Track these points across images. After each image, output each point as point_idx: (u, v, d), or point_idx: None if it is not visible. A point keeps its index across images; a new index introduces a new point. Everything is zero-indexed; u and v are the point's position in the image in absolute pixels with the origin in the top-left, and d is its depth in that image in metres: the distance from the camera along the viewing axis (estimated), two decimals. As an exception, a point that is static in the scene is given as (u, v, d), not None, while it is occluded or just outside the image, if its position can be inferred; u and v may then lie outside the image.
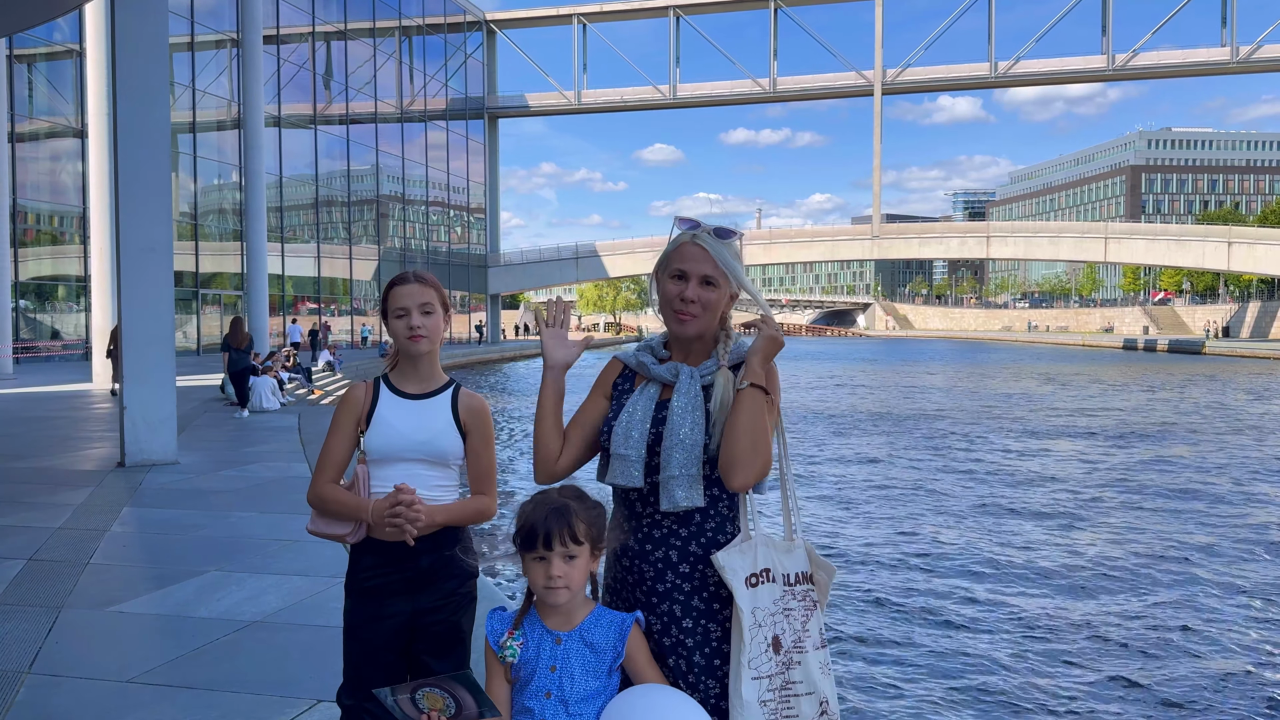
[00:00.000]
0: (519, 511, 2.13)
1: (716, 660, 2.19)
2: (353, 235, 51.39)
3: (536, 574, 2.08)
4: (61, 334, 33.79)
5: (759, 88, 63.31)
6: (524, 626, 2.11)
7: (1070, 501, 12.62)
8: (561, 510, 2.10)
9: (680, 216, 2.33)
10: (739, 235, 2.32)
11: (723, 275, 2.25)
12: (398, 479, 2.64)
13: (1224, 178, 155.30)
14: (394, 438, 2.65)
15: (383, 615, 2.64)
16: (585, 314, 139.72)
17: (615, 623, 2.14)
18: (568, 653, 2.08)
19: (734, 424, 2.15)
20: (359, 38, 50.90)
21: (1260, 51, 56.39)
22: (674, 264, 2.28)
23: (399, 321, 2.67)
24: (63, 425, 14.74)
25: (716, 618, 2.21)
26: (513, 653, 2.06)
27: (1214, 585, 8.61)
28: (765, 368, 2.19)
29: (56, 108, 33.64)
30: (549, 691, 2.06)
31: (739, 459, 2.13)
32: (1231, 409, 25.11)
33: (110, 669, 4.46)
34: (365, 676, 2.64)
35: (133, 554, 6.78)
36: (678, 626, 2.20)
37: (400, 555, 2.63)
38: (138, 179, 10.50)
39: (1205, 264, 59.68)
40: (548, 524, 2.08)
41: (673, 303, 2.27)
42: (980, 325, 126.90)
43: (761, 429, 2.14)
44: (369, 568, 2.66)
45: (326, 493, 2.67)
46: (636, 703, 2.03)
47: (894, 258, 66.43)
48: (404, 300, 2.67)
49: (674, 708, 2.02)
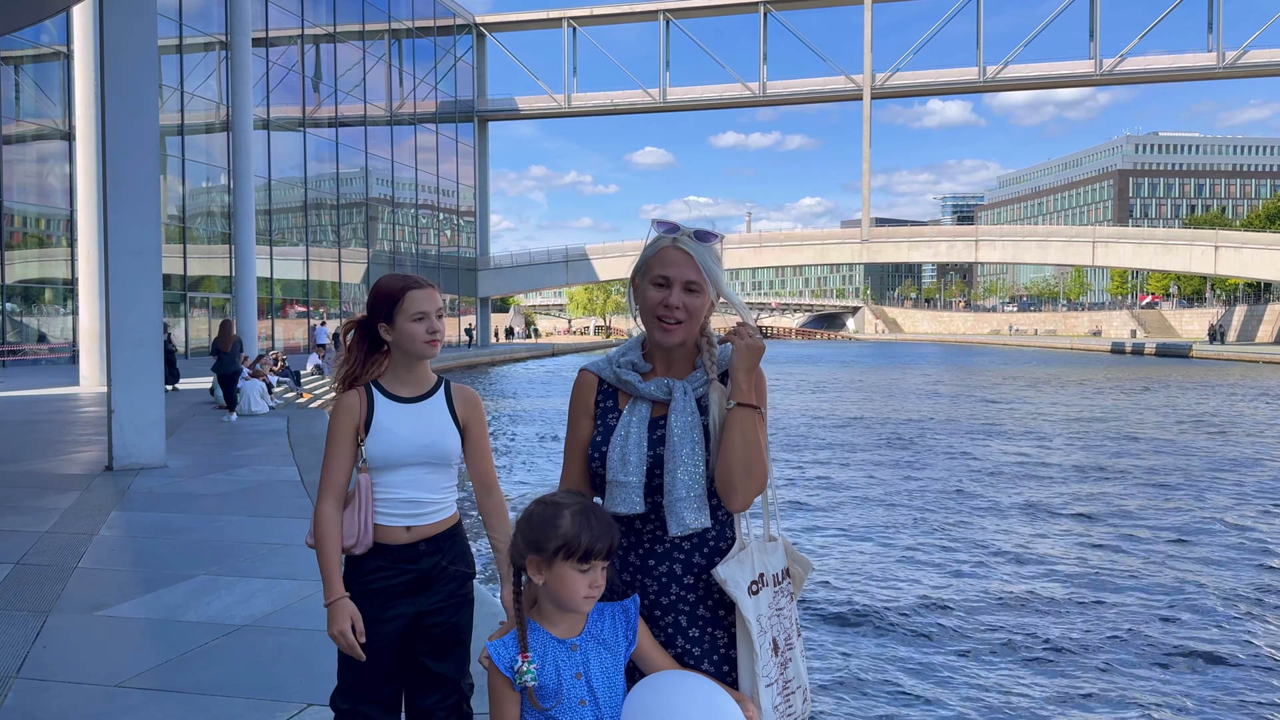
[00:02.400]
0: (547, 522, 2.03)
1: (725, 667, 2.16)
2: (342, 238, 51.28)
3: (578, 584, 2.00)
4: (49, 337, 33.62)
5: (749, 91, 63.43)
6: (530, 644, 2.04)
7: (1060, 502, 12.67)
8: (611, 523, 2.06)
9: (657, 220, 2.23)
10: (719, 238, 2.23)
11: (706, 280, 2.17)
12: (402, 485, 2.65)
13: (1211, 182, 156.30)
14: (396, 444, 2.64)
15: (385, 618, 2.63)
16: (575, 317, 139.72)
17: (619, 613, 2.11)
18: (586, 656, 2.05)
19: (727, 447, 2.10)
20: (348, 40, 50.81)
21: (1246, 57, 56.75)
22: (655, 270, 2.18)
23: (417, 325, 2.64)
24: (50, 428, 14.66)
25: (722, 624, 2.18)
26: (532, 676, 2.00)
27: (1210, 589, 8.66)
28: (749, 381, 2.13)
29: (44, 110, 33.50)
30: (583, 700, 2.02)
31: (735, 484, 2.10)
32: (1234, 414, 25.25)
33: (99, 673, 4.44)
34: (363, 680, 2.63)
35: (121, 558, 6.75)
36: (684, 637, 2.17)
37: (401, 558, 2.65)
38: (126, 181, 10.47)
39: (1192, 268, 59.97)
40: (610, 536, 2.03)
41: (656, 310, 2.17)
42: (969, 328, 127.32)
43: (755, 449, 2.10)
44: (372, 570, 2.65)
45: (321, 539, 2.63)
46: (665, 694, 2.00)
47: (883, 261, 66.58)
48: (424, 305, 2.65)
49: (705, 693, 2.01)
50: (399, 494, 2.66)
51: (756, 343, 2.14)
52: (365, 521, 2.65)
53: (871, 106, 63.18)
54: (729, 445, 2.10)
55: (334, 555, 2.64)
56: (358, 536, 2.64)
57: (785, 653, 2.17)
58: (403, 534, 2.66)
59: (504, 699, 2.04)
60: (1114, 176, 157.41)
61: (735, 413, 2.11)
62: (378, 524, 2.66)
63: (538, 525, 2.03)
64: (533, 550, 2.02)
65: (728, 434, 2.11)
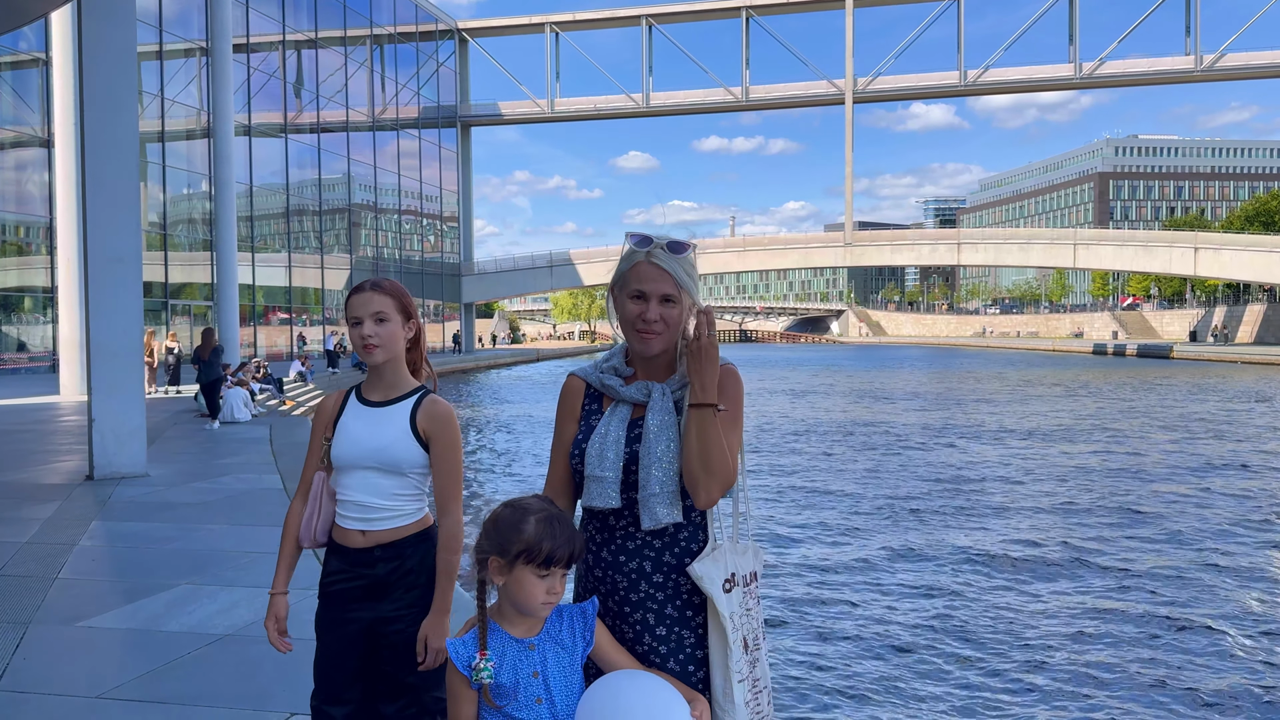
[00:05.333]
0: (513, 526, 2.06)
1: (691, 666, 2.22)
2: (324, 244, 51.08)
3: (536, 589, 2.05)
4: (28, 346, 33.33)
5: (731, 96, 63.61)
6: (489, 643, 2.09)
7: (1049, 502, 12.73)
8: (574, 532, 2.11)
9: (631, 232, 2.31)
10: (693, 247, 2.30)
11: (681, 291, 2.25)
12: (355, 487, 2.67)
13: (1190, 184, 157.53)
14: (350, 446, 2.66)
15: (345, 619, 2.67)
16: (560, 322, 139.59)
17: (577, 615, 2.15)
18: (544, 656, 2.09)
19: (686, 445, 2.18)
20: (330, 46, 50.66)
21: (1224, 60, 57.31)
22: (632, 284, 2.25)
23: (355, 330, 2.66)
24: (30, 438, 14.53)
25: (690, 624, 2.24)
26: (488, 674, 2.04)
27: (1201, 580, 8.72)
28: (705, 382, 2.16)
29: (22, 117, 33.22)
30: (539, 698, 2.07)
31: (695, 480, 2.16)
32: (1218, 414, 25.44)
33: (79, 685, 4.40)
34: (330, 680, 2.68)
35: (102, 568, 6.69)
36: (651, 635, 2.23)
37: (358, 561, 2.67)
38: (105, 189, 10.40)
39: (1172, 269, 60.47)
40: (571, 545, 2.07)
41: (634, 323, 2.25)
42: (952, 331, 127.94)
43: (714, 446, 2.14)
44: (333, 572, 2.72)
45: (283, 532, 2.82)
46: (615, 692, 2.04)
47: (866, 264, 66.84)
48: (357, 309, 2.66)
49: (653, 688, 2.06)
50: (352, 496, 2.68)
51: (706, 345, 2.16)
52: (311, 519, 2.74)
53: (854, 110, 63.48)
54: (687, 443, 2.17)
55: (287, 548, 2.77)
56: (304, 532, 2.75)
57: (754, 651, 2.23)
58: (358, 538, 2.67)
59: (460, 696, 2.09)
60: (1094, 179, 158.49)
61: (691, 412, 2.18)
62: (339, 525, 2.71)
63: (503, 528, 2.08)
64: (495, 552, 2.07)
65: (686, 432, 2.19)
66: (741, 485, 2.30)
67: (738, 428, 2.25)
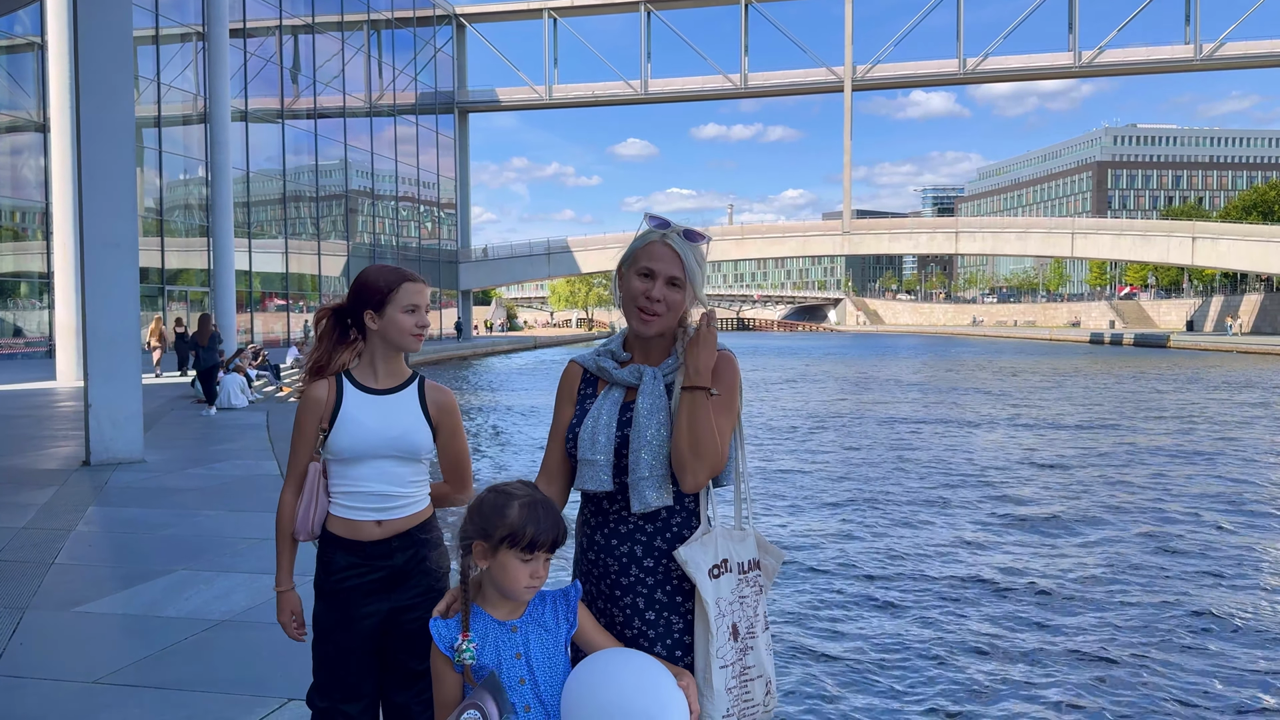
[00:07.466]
0: (497, 510, 2.08)
1: (678, 651, 2.24)
2: (321, 230, 50.93)
3: (519, 573, 2.06)
4: (24, 331, 33.28)
5: (730, 83, 63.44)
6: (472, 625, 2.11)
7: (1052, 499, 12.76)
8: (559, 518, 2.12)
9: (650, 214, 2.33)
10: (707, 240, 2.33)
11: (688, 277, 2.27)
12: (371, 478, 2.62)
13: (1188, 174, 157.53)
14: (364, 435, 2.60)
15: (358, 617, 2.61)
16: (557, 310, 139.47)
17: (560, 598, 2.16)
18: (527, 638, 2.11)
19: (676, 427, 2.20)
20: (327, 31, 50.42)
21: (1223, 49, 57.23)
22: (641, 261, 2.27)
23: (407, 317, 2.62)
24: (26, 424, 14.52)
25: (679, 610, 2.25)
26: (470, 655, 2.06)
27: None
28: (699, 365, 2.19)
29: (17, 101, 33.07)
30: (522, 678, 2.08)
31: (682, 463, 2.18)
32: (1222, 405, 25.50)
33: (76, 670, 4.41)
34: (339, 678, 2.62)
35: (99, 553, 6.70)
36: (640, 619, 2.25)
37: (374, 554, 2.61)
38: (101, 173, 10.36)
39: (1170, 259, 60.52)
40: (555, 530, 2.09)
41: (637, 300, 2.26)
42: (950, 320, 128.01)
43: (704, 430, 2.16)
44: (343, 568, 2.63)
45: (277, 527, 2.75)
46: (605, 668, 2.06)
47: (864, 253, 66.83)
48: (417, 298, 2.64)
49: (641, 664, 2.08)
50: (368, 487, 2.62)
51: (705, 332, 2.23)
52: (309, 511, 2.66)
53: (853, 98, 63.37)
54: (677, 425, 2.20)
55: (285, 542, 2.73)
56: (301, 525, 2.68)
57: (746, 639, 2.24)
58: (374, 529, 2.62)
59: (444, 677, 2.12)
60: (1092, 168, 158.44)
61: (684, 395, 2.20)
62: (346, 518, 2.64)
63: (487, 513, 2.09)
64: (480, 536, 2.08)
65: (677, 415, 2.21)
66: (744, 473, 2.32)
67: (731, 413, 2.26)
